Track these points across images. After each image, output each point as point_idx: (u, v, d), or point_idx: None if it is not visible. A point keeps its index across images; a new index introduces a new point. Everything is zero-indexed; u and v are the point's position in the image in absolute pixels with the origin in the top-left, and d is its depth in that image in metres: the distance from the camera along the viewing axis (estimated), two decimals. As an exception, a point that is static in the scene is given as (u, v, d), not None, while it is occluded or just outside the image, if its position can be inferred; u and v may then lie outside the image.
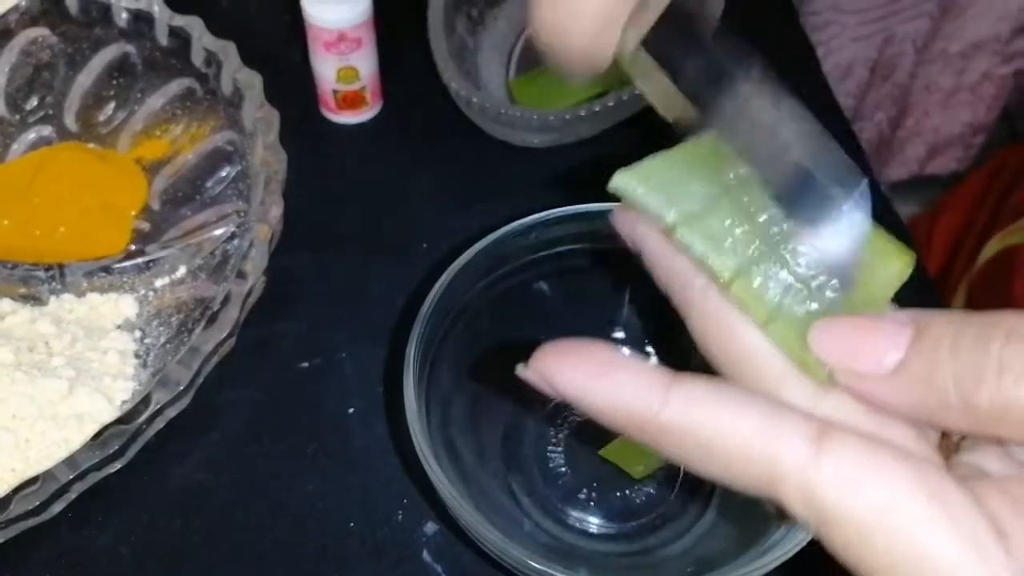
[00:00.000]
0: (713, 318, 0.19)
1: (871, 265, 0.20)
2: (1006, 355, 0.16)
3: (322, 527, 0.38)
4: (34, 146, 0.49)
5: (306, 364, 0.43)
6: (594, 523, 0.38)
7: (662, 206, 0.20)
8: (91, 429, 0.36)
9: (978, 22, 0.85)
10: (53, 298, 0.42)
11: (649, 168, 0.20)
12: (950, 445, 0.19)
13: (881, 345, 0.18)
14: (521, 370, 0.19)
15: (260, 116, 0.44)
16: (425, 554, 0.37)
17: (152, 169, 0.48)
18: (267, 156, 0.43)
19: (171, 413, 0.37)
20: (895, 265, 0.20)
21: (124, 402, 0.38)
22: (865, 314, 0.19)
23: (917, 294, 0.21)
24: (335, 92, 0.51)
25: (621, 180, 0.20)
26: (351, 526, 0.38)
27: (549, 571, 0.30)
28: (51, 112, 0.50)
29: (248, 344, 0.42)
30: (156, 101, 0.49)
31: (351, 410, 0.41)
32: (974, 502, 0.16)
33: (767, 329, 0.19)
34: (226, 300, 0.38)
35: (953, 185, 0.88)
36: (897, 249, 0.20)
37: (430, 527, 0.38)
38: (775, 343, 0.19)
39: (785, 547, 0.30)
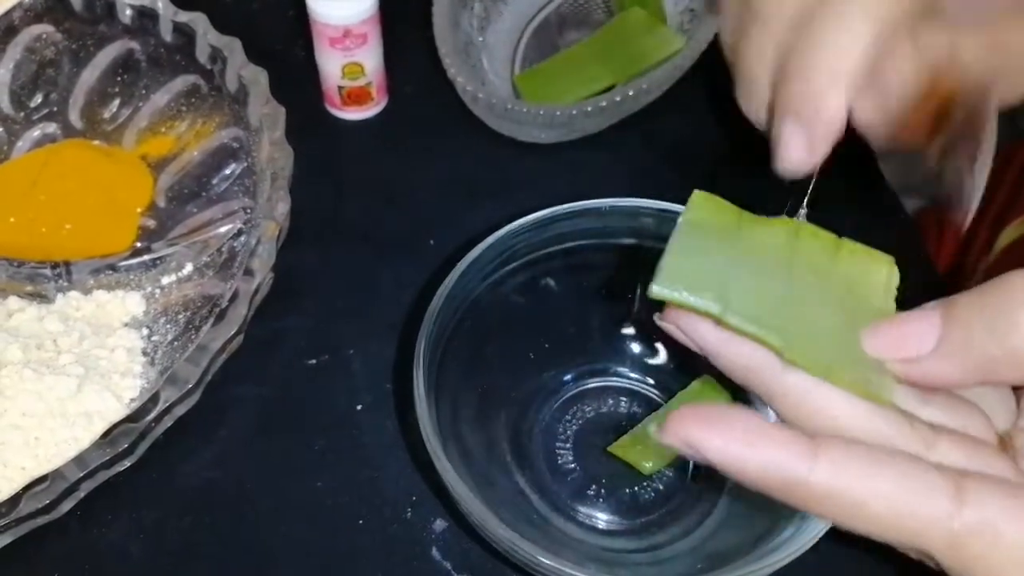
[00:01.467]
0: (792, 393, 0.21)
1: (862, 280, 0.22)
2: None
3: (331, 524, 0.38)
4: (39, 143, 0.49)
5: (314, 361, 0.42)
6: (603, 519, 0.38)
7: (705, 301, 0.21)
8: (100, 427, 0.36)
9: None
10: (60, 296, 0.42)
11: (677, 266, 0.22)
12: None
13: (919, 331, 0.20)
14: (660, 435, 0.20)
15: (266, 112, 0.44)
16: (434, 551, 0.37)
17: (157, 166, 0.48)
18: (273, 152, 0.43)
19: (180, 411, 0.37)
20: (882, 271, 0.22)
21: (132, 400, 0.38)
22: (897, 315, 0.21)
23: (923, 286, 0.22)
24: (340, 88, 0.51)
25: (662, 289, 0.21)
26: (360, 523, 0.38)
27: (559, 567, 0.30)
28: (56, 109, 0.50)
29: (255, 341, 0.42)
30: (161, 98, 0.49)
31: (359, 407, 0.41)
32: None
33: (831, 379, 0.20)
34: (234, 297, 0.38)
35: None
36: (875, 257, 0.23)
37: (439, 524, 0.38)
38: (843, 387, 0.20)
39: (795, 545, 0.30)
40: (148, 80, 0.49)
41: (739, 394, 0.36)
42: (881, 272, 0.22)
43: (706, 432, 0.19)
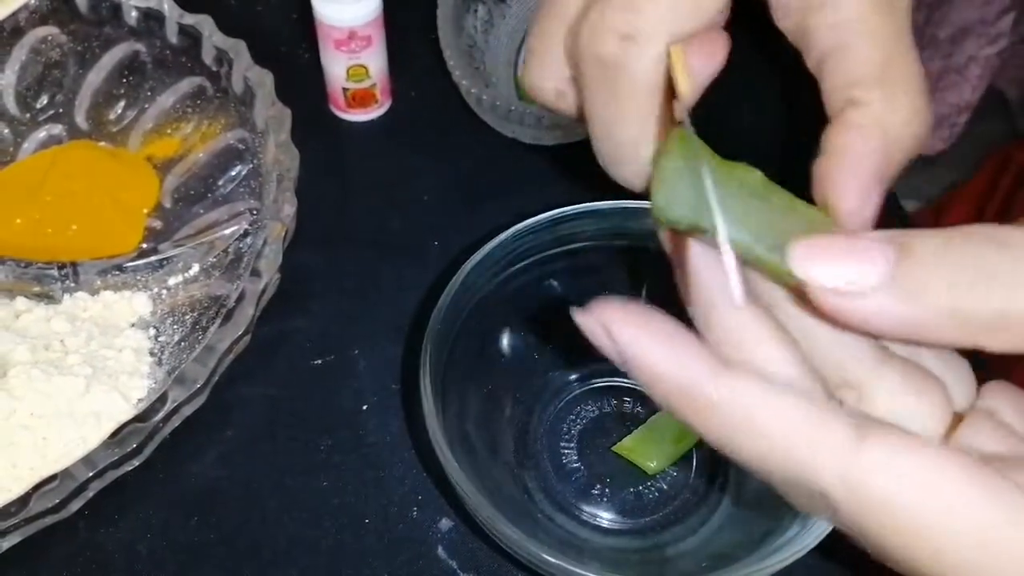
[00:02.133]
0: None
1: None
2: (1002, 264, 0.16)
3: (337, 523, 0.38)
4: (45, 145, 0.49)
5: (319, 361, 0.43)
6: (607, 519, 0.38)
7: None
8: (108, 427, 0.36)
9: (966, 7, 0.86)
10: (67, 296, 0.42)
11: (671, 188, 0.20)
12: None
13: (865, 262, 0.17)
14: (579, 314, 0.19)
15: (272, 114, 0.44)
16: (440, 550, 0.38)
17: (163, 167, 0.48)
18: (279, 154, 0.43)
19: (187, 411, 0.37)
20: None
21: (140, 400, 0.38)
22: (842, 232, 0.18)
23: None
24: (345, 90, 0.51)
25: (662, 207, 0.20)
26: (366, 522, 0.38)
27: (565, 566, 0.30)
28: (61, 111, 0.50)
29: (262, 341, 0.42)
30: (167, 99, 0.49)
31: (365, 407, 0.41)
32: (1018, 488, 0.16)
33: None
34: (241, 298, 0.38)
35: (942, 167, 0.89)
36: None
37: (445, 523, 0.38)
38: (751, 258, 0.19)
39: (799, 544, 0.31)
40: (154, 82, 0.49)
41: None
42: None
43: (624, 319, 0.18)
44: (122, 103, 0.50)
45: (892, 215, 0.49)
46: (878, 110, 0.21)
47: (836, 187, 0.20)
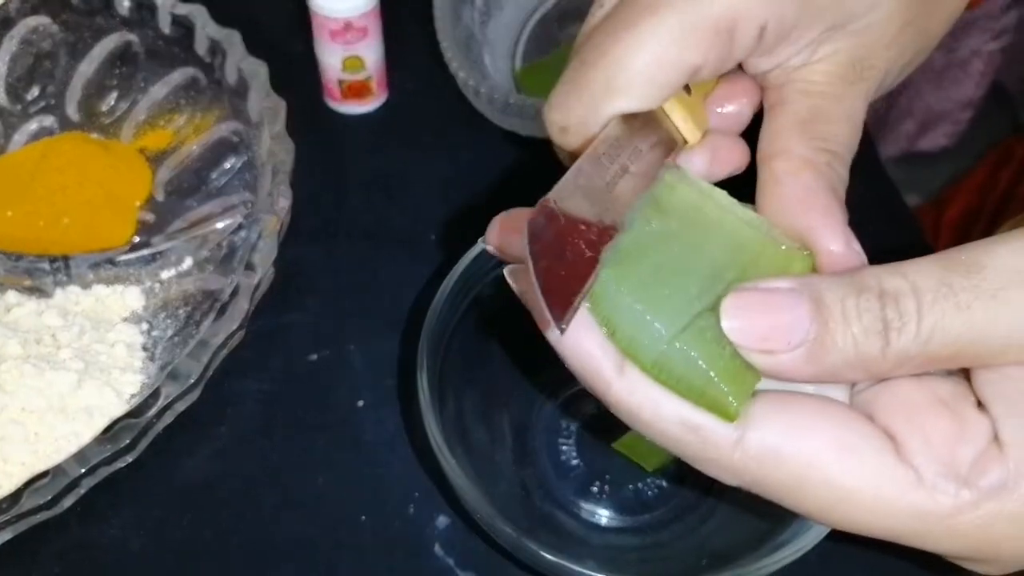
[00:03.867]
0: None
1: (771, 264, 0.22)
2: (888, 314, 0.19)
3: (333, 520, 0.38)
4: (36, 136, 0.49)
5: (315, 356, 0.42)
6: (605, 516, 0.38)
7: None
8: (100, 423, 0.35)
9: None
10: (59, 290, 0.41)
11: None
12: None
13: (788, 323, 0.19)
14: (509, 275, 0.22)
15: (266, 106, 0.44)
16: (437, 547, 0.37)
17: (156, 160, 0.47)
18: (274, 146, 0.42)
19: (181, 407, 0.37)
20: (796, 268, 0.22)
21: (133, 395, 0.38)
22: (758, 284, 0.20)
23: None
24: (340, 82, 0.50)
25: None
26: (362, 519, 0.38)
27: (564, 564, 0.30)
28: (53, 102, 0.49)
29: (256, 337, 0.41)
30: (159, 91, 0.48)
31: (361, 403, 0.41)
32: (871, 429, 0.19)
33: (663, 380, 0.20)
34: (235, 292, 0.37)
35: (944, 162, 0.89)
36: (790, 255, 0.22)
37: (442, 520, 0.38)
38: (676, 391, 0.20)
39: (801, 542, 0.30)
40: (146, 73, 0.49)
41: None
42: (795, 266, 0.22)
43: (544, 308, 0.19)
44: (114, 94, 0.49)
45: (896, 211, 0.49)
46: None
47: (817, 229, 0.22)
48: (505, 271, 0.21)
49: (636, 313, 0.20)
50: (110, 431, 0.34)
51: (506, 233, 0.24)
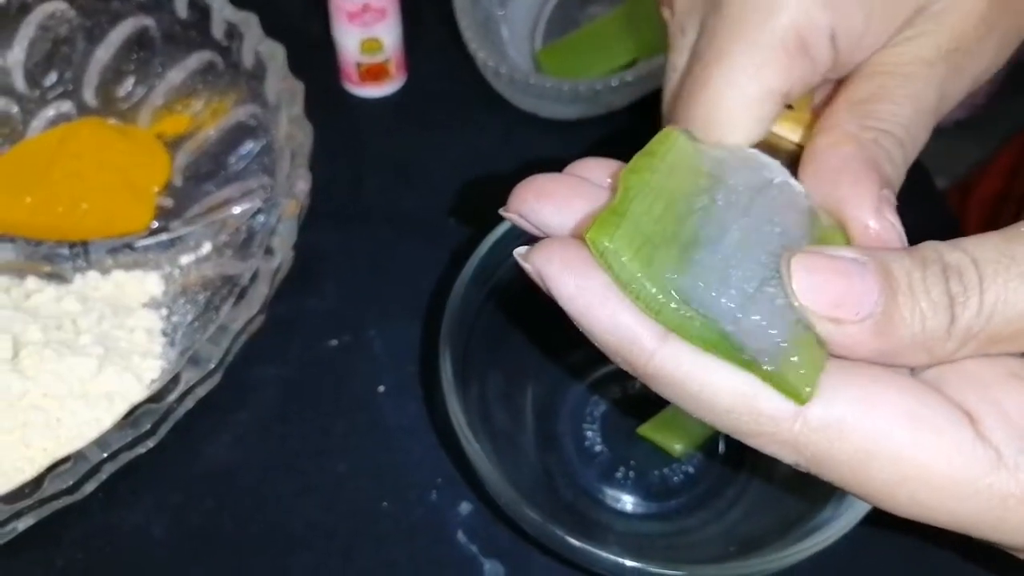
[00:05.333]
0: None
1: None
2: (952, 287, 0.18)
3: (354, 507, 0.37)
4: (54, 122, 0.48)
5: (335, 342, 0.42)
6: (630, 503, 0.37)
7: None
8: (121, 408, 0.35)
9: None
10: (78, 276, 0.41)
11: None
12: None
13: (859, 291, 0.18)
14: (520, 256, 0.20)
15: (284, 88, 0.43)
16: (460, 534, 0.37)
17: (174, 145, 0.47)
18: (292, 129, 0.42)
19: (201, 392, 0.36)
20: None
21: (153, 381, 0.37)
22: (823, 250, 0.19)
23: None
24: (358, 65, 0.50)
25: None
26: (384, 506, 0.37)
27: (590, 550, 0.29)
28: (70, 88, 0.49)
29: (276, 321, 0.41)
30: (176, 75, 0.48)
31: (382, 388, 0.40)
32: (944, 403, 0.18)
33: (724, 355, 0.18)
34: (255, 277, 0.37)
35: (968, 142, 0.88)
36: (830, 232, 0.21)
37: (464, 507, 0.37)
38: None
39: (832, 529, 0.30)
40: (163, 57, 0.48)
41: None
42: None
43: (563, 272, 0.19)
44: (131, 79, 0.49)
45: (926, 193, 0.48)
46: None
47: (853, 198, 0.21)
48: (516, 252, 0.20)
49: (682, 278, 0.18)
50: (131, 416, 0.33)
51: (531, 200, 0.22)
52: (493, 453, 0.33)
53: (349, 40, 0.49)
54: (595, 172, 0.22)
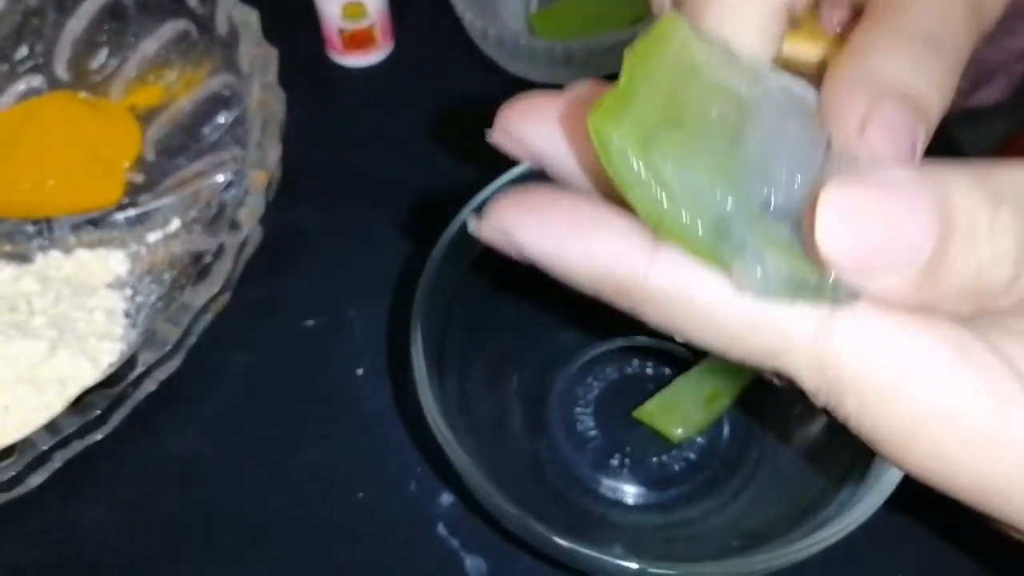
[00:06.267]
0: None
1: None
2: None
3: (328, 499, 0.35)
4: (24, 97, 0.46)
5: (311, 322, 0.39)
6: (628, 492, 0.34)
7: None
8: (74, 393, 0.33)
9: None
10: (40, 255, 0.39)
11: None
12: None
13: (907, 235, 0.14)
14: (474, 226, 0.17)
15: (257, 54, 0.40)
16: (440, 527, 0.34)
17: (146, 118, 0.44)
18: (265, 97, 0.39)
19: (161, 375, 0.34)
20: None
21: (111, 364, 0.35)
22: (869, 174, 0.14)
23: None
24: (341, 31, 0.47)
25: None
26: (360, 497, 0.35)
27: (576, 549, 0.26)
28: (41, 61, 0.47)
29: (249, 303, 0.38)
30: (150, 46, 0.46)
31: (360, 371, 0.38)
32: (992, 350, 0.15)
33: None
34: (219, 252, 0.34)
35: (999, 121, 0.85)
36: None
37: (446, 498, 0.34)
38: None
39: (843, 522, 0.26)
40: (136, 27, 0.46)
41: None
42: None
43: (524, 219, 0.16)
44: (104, 51, 0.46)
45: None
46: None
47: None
48: (469, 220, 0.17)
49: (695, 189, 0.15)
50: (81, 402, 0.31)
51: (525, 119, 0.19)
52: (473, 443, 0.30)
53: (330, 4, 0.46)
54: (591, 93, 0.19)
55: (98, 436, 0.32)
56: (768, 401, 0.34)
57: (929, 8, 0.17)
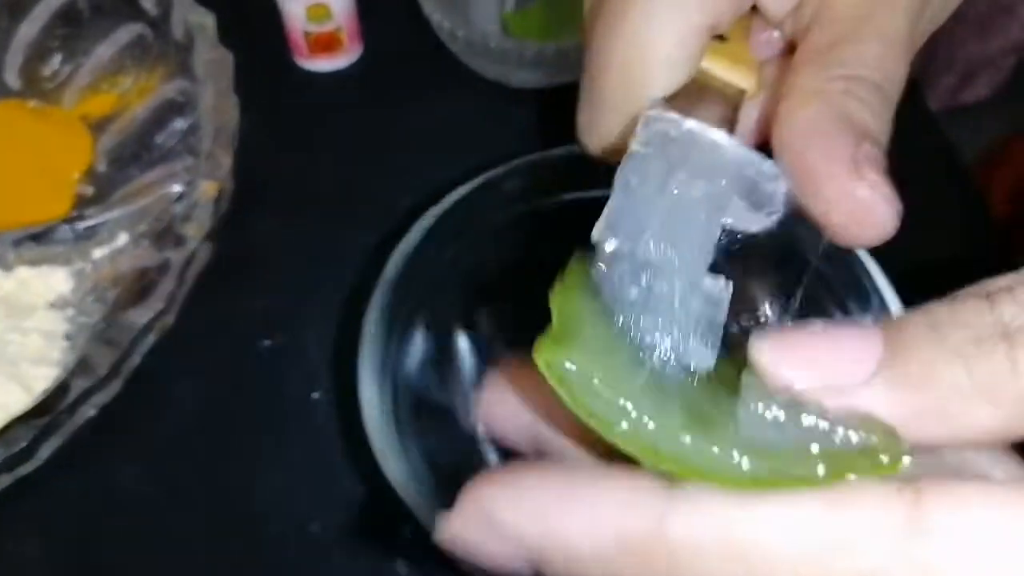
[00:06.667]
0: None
1: None
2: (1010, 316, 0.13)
3: (281, 532, 0.32)
4: (-28, 106, 0.44)
5: (268, 342, 0.37)
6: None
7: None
8: (0, 423, 0.30)
9: None
10: (-22, 273, 0.37)
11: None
12: None
13: (853, 350, 0.14)
14: (445, 532, 0.14)
15: (212, 59, 0.38)
16: (400, 564, 0.31)
17: (98, 127, 0.42)
18: (218, 103, 0.37)
19: (99, 401, 0.32)
20: None
21: (45, 391, 0.33)
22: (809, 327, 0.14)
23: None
24: (307, 34, 0.45)
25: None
26: (316, 530, 0.32)
27: None
28: (-9, 69, 0.45)
29: (199, 322, 0.36)
30: (105, 51, 0.44)
31: (315, 394, 0.35)
32: None
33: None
34: (163, 268, 0.32)
35: (989, 117, 0.85)
36: None
37: (406, 530, 0.32)
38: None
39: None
40: (91, 32, 0.44)
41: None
42: None
43: (509, 500, 0.14)
44: (58, 57, 0.44)
45: (951, 169, 0.42)
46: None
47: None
48: (436, 533, 0.15)
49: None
50: (6, 433, 0.29)
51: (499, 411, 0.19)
52: (428, 473, 0.28)
53: (294, 5, 0.44)
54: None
55: (27, 469, 0.30)
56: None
57: (871, 50, 0.18)
